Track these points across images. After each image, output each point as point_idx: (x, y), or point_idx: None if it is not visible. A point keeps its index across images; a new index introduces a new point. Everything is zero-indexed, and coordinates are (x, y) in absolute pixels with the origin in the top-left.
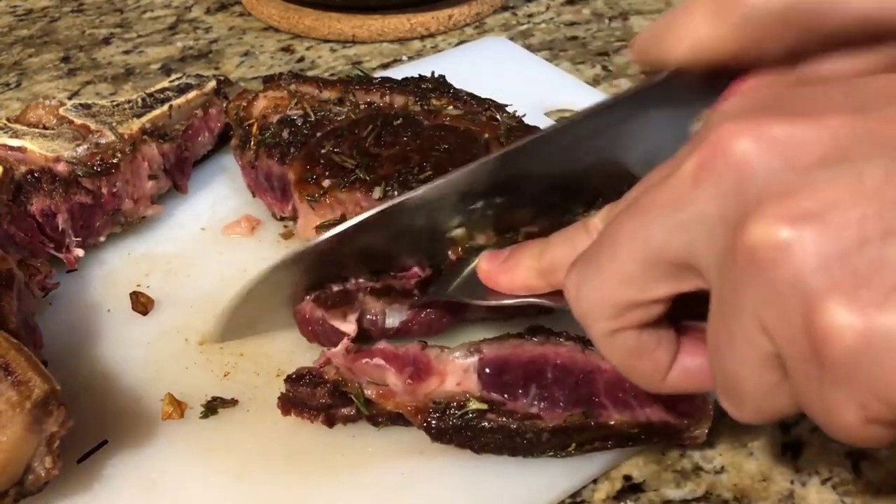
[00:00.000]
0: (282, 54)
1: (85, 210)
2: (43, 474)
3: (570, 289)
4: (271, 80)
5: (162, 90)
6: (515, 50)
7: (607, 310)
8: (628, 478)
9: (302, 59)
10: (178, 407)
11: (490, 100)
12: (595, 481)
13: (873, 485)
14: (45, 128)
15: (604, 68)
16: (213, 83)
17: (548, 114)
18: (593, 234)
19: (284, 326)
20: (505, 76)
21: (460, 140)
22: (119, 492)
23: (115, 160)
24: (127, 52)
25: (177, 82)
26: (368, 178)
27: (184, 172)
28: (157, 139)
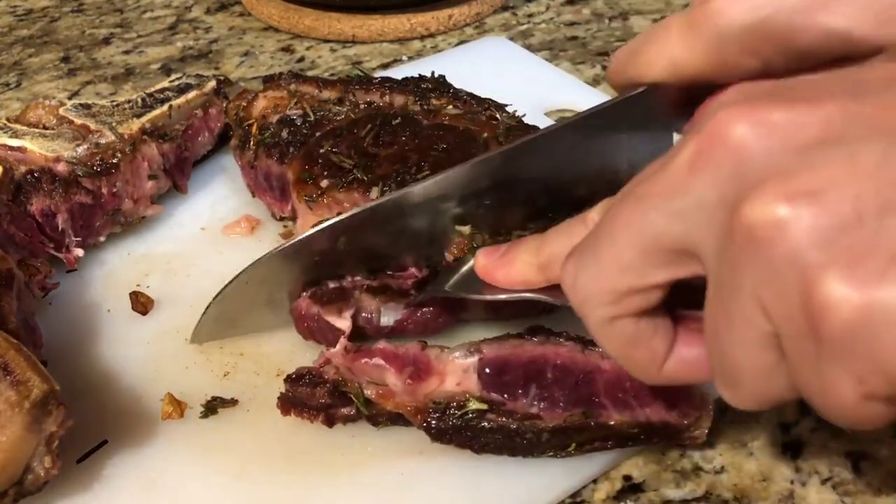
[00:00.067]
0: (282, 54)
1: (85, 210)
2: (42, 474)
3: (567, 278)
4: (271, 80)
5: (162, 90)
6: (515, 50)
7: (605, 297)
8: (628, 478)
9: (302, 59)
10: (178, 407)
11: (490, 99)
12: (595, 481)
13: (873, 485)
14: (45, 128)
15: (604, 68)
16: (212, 83)
17: (548, 114)
18: (590, 227)
19: (270, 327)
20: (505, 76)
21: (459, 140)
22: (119, 491)
23: (115, 160)
24: (127, 52)
25: (177, 82)
26: (366, 179)
27: (184, 172)
28: (156, 139)
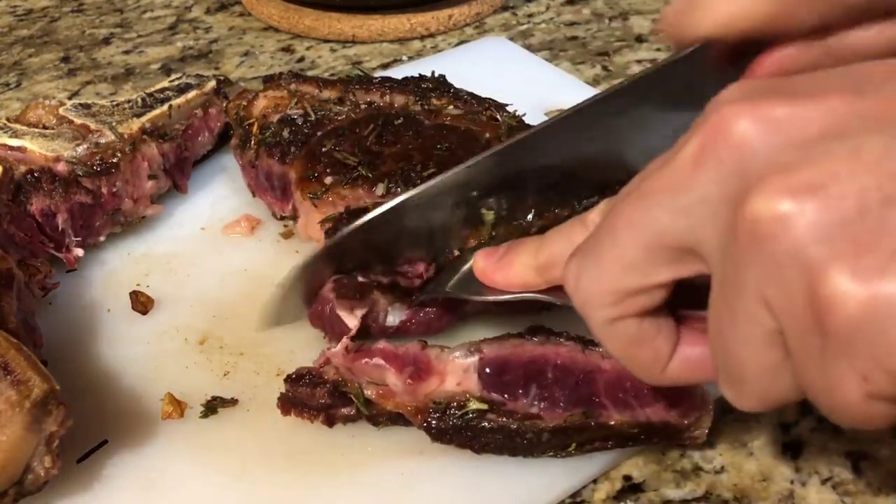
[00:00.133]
0: (282, 54)
1: (85, 210)
2: (42, 474)
3: (569, 279)
4: (271, 80)
5: (162, 90)
6: (515, 50)
7: (608, 297)
8: (628, 478)
9: (302, 59)
10: (178, 406)
11: (490, 99)
12: (595, 481)
13: (873, 485)
14: (44, 128)
15: (604, 68)
16: (212, 83)
17: (547, 113)
18: (590, 228)
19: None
20: (505, 76)
21: (461, 139)
22: (119, 491)
23: (114, 160)
24: (127, 52)
25: (177, 82)
26: (371, 175)
27: (184, 172)
28: (156, 139)
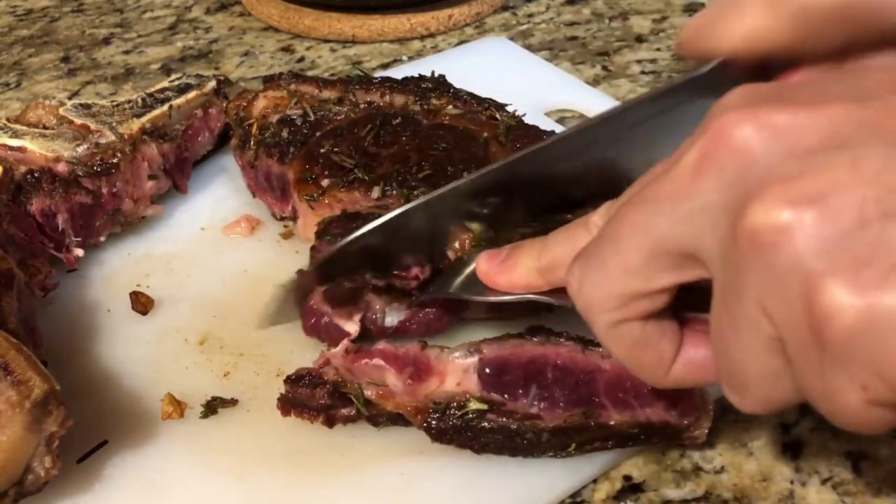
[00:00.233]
0: (282, 54)
1: (85, 210)
2: (42, 474)
3: (572, 283)
4: (271, 80)
5: (162, 90)
6: (515, 50)
7: (611, 301)
8: (628, 478)
9: (302, 59)
10: (178, 407)
11: (490, 99)
12: (595, 481)
13: (873, 485)
14: (45, 128)
15: (604, 68)
16: (212, 83)
17: (548, 113)
18: (593, 231)
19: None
20: (505, 76)
21: (459, 139)
22: (119, 491)
23: (115, 160)
24: (127, 52)
25: (177, 82)
26: (367, 178)
27: (184, 172)
28: (157, 139)
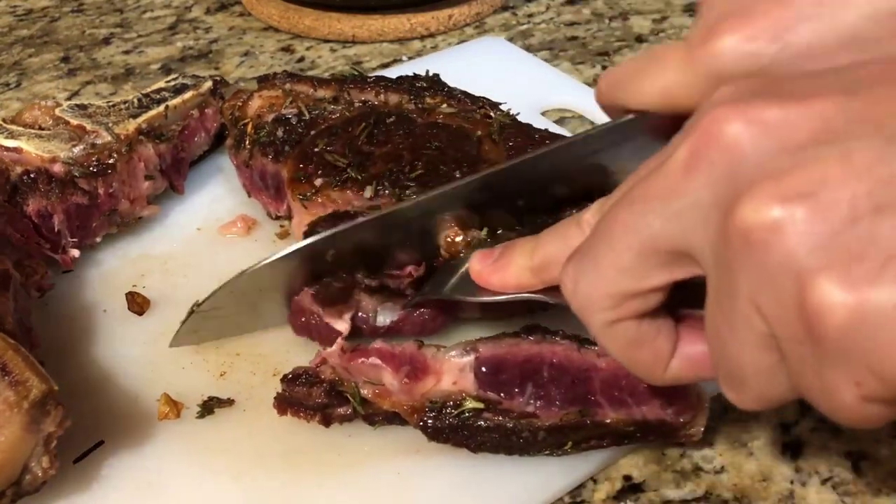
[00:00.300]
0: (282, 54)
1: (81, 210)
2: (40, 474)
3: (567, 283)
4: (266, 80)
5: (158, 90)
6: (512, 50)
7: (605, 301)
8: (628, 478)
9: (302, 59)
10: (175, 407)
11: (484, 98)
12: (595, 481)
13: (873, 485)
14: (41, 128)
15: (604, 68)
16: (209, 83)
17: (544, 113)
18: (585, 229)
19: (253, 329)
20: (502, 76)
21: (452, 138)
22: (116, 491)
23: (111, 160)
24: (127, 52)
25: (173, 83)
26: (360, 177)
27: (180, 173)
28: (153, 139)
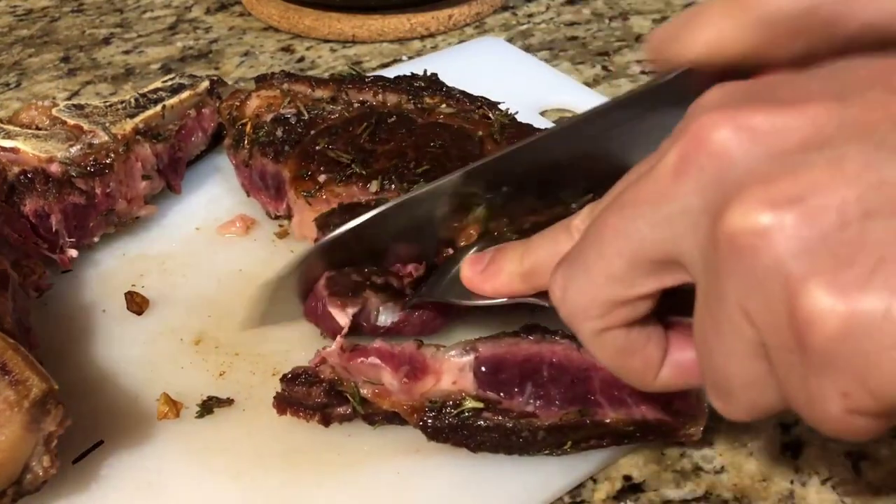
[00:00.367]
0: (282, 54)
1: (78, 210)
2: (41, 473)
3: (555, 290)
4: (263, 80)
5: (155, 90)
6: (512, 50)
7: (594, 309)
8: (628, 478)
9: (302, 59)
10: (174, 406)
11: (482, 98)
12: (595, 481)
13: (873, 485)
14: (38, 128)
15: (604, 68)
16: (206, 83)
17: (543, 113)
18: (574, 235)
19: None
20: (501, 76)
21: (454, 137)
22: (115, 491)
23: (108, 160)
24: (127, 52)
25: (170, 83)
26: (365, 173)
27: (177, 172)
28: (150, 139)
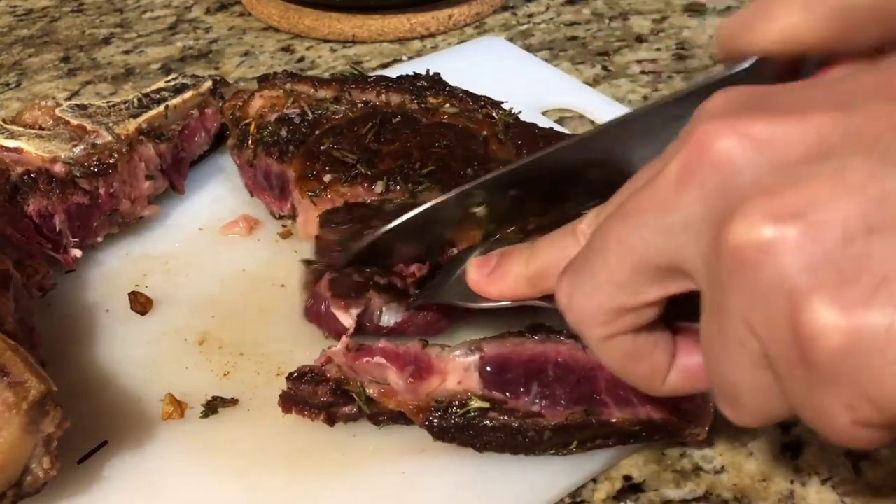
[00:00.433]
0: (282, 54)
1: (82, 210)
2: (41, 475)
3: (561, 297)
4: (266, 80)
5: (158, 90)
6: (512, 50)
7: (600, 316)
8: (628, 478)
9: (302, 59)
10: (179, 407)
11: (485, 97)
12: (595, 481)
13: (873, 485)
14: (41, 128)
15: (604, 68)
16: (208, 83)
17: (545, 113)
18: (580, 239)
19: None
20: (502, 76)
21: (459, 137)
22: (119, 492)
23: (111, 160)
24: (127, 52)
25: (173, 83)
26: (370, 173)
27: (181, 172)
28: (153, 139)
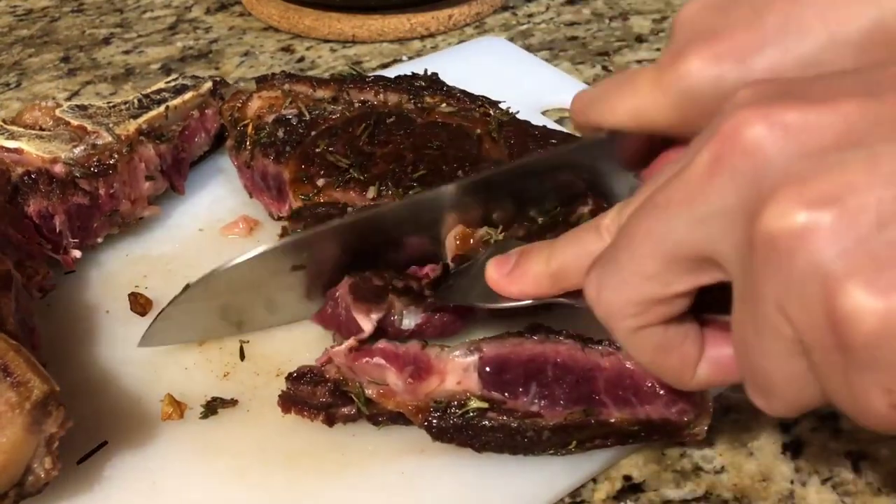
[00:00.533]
0: (282, 54)
1: (82, 211)
2: (42, 475)
3: (590, 291)
4: (264, 81)
5: (158, 91)
6: (512, 50)
7: (630, 308)
8: (628, 478)
9: (302, 59)
10: (178, 407)
11: (483, 96)
12: (595, 481)
13: (873, 485)
14: (41, 129)
15: (604, 68)
16: (208, 84)
17: (544, 113)
18: (604, 235)
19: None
20: (501, 76)
21: (453, 137)
22: (119, 492)
23: (111, 161)
24: (127, 52)
25: (173, 83)
26: (363, 178)
27: (181, 173)
28: (153, 140)
